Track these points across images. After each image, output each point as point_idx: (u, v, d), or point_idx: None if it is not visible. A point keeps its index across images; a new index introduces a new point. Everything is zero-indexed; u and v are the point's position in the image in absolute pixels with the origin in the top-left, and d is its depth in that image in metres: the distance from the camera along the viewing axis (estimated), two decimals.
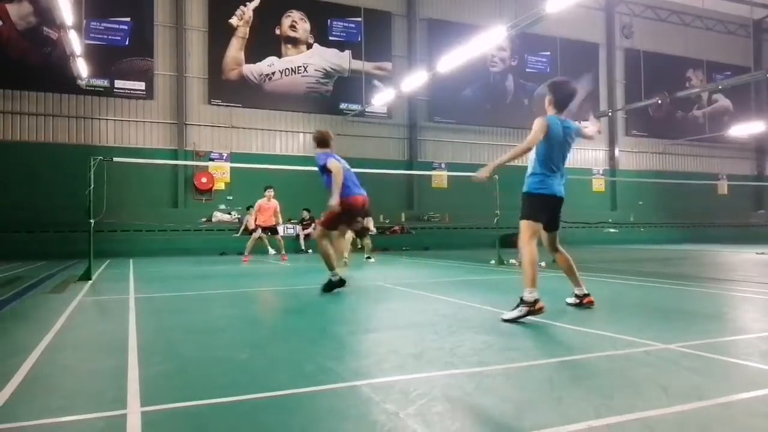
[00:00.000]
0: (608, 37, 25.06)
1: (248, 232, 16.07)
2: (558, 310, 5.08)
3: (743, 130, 23.05)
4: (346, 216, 6.52)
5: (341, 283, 6.40)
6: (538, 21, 13.68)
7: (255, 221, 12.85)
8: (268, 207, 12.66)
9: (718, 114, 27.13)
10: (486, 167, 4.60)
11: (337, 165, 6.41)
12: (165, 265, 12.04)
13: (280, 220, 13.15)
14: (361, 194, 6.62)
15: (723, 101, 27.35)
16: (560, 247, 5.02)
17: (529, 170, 4.72)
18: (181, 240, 16.49)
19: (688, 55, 26.34)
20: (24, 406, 2.45)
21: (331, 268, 6.40)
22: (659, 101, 20.18)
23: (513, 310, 4.37)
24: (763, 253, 14.19)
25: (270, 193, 12.63)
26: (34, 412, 2.35)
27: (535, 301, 4.32)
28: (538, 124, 4.51)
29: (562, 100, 4.72)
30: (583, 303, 5.01)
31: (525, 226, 4.61)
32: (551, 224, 4.87)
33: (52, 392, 2.67)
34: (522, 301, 4.33)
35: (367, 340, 3.88)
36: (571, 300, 5.12)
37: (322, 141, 6.70)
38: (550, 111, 4.70)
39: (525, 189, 4.72)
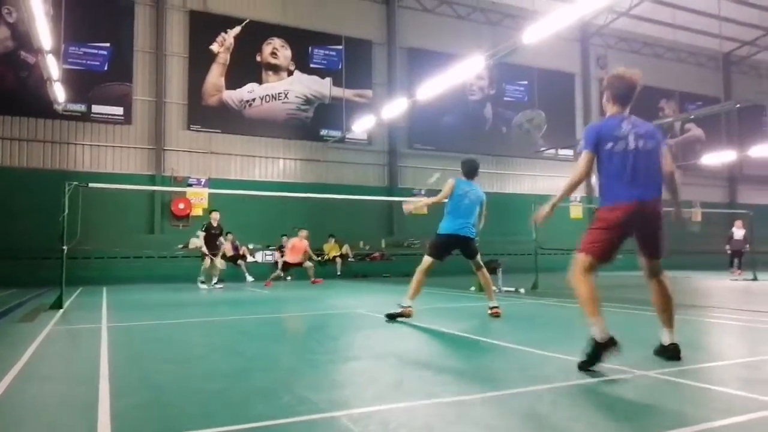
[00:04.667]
0: (584, 68, 25.64)
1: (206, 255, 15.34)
2: (540, 336, 5.08)
3: (715, 158, 23.61)
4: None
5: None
6: (516, 51, 13.98)
7: (282, 257, 14.66)
8: (300, 246, 13.88)
9: (690, 143, 27.77)
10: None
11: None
12: (140, 292, 11.82)
13: (309, 258, 14.24)
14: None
15: (695, 130, 28.03)
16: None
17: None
18: (157, 267, 16.20)
19: (660, 86, 27.00)
20: None
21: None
22: None
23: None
24: (736, 280, 14.44)
25: (304, 233, 13.91)
26: None
27: None
28: None
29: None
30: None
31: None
32: None
33: (20, 425, 2.57)
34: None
35: (346, 369, 3.82)
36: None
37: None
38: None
39: None
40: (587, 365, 3.53)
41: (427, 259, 6.38)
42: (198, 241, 17.32)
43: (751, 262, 15.28)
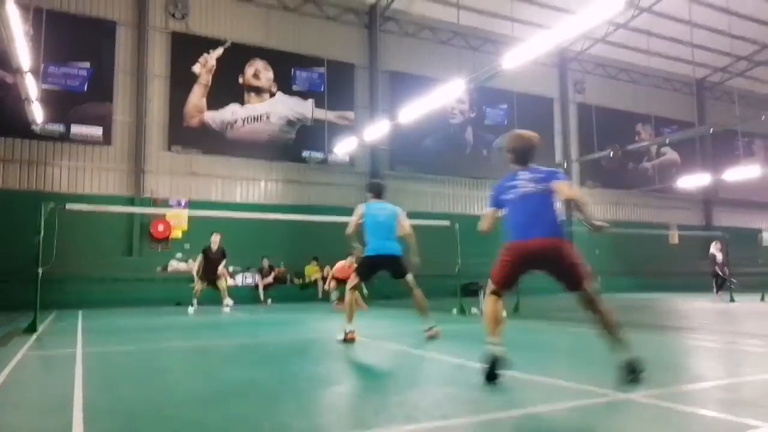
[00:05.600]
0: (562, 92, 26.10)
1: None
2: (522, 360, 5.07)
3: (690, 181, 24.06)
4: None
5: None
6: (495, 76, 14.21)
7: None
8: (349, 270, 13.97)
9: (666, 166, 28.30)
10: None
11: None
12: (116, 316, 11.59)
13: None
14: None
15: (671, 154, 28.59)
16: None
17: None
18: (135, 290, 15.91)
19: (637, 110, 27.60)
20: None
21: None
22: (611, 153, 20.98)
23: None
24: (713, 301, 14.62)
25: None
26: None
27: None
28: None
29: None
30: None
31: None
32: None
33: None
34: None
35: (327, 395, 3.78)
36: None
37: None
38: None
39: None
40: (488, 378, 3.76)
41: (353, 278, 6.67)
42: (178, 264, 17.19)
43: (728, 284, 15.45)
